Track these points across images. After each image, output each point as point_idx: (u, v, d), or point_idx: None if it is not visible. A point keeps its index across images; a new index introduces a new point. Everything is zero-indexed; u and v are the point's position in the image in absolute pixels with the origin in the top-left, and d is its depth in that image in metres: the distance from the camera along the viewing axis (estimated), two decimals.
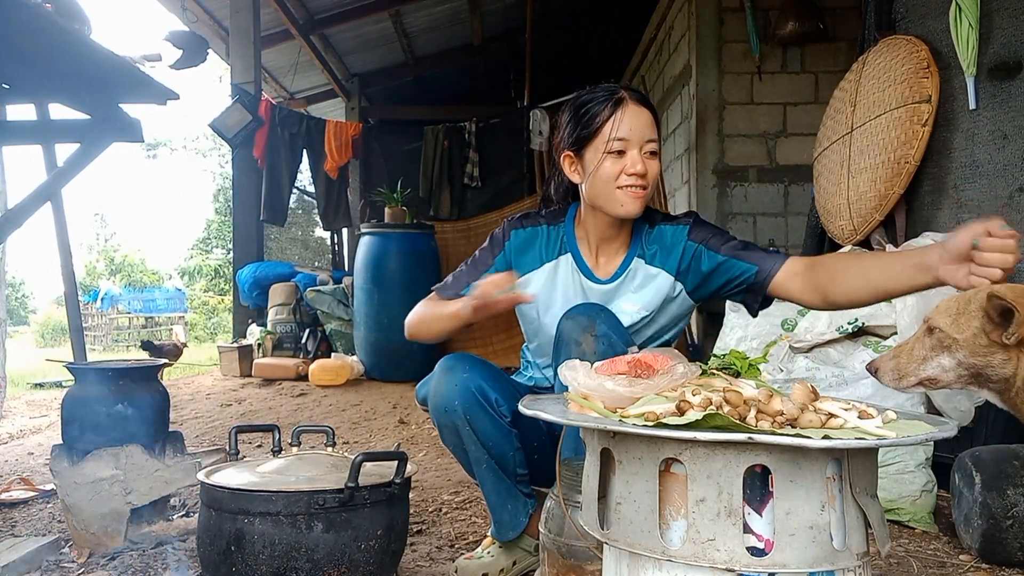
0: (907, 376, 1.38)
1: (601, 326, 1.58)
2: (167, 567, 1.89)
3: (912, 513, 2.20)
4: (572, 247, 1.79)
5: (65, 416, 2.04)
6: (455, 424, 1.70)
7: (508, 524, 1.78)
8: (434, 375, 1.74)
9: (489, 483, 1.76)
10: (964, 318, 1.34)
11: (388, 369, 5.13)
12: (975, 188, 2.95)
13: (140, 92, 2.59)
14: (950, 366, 1.35)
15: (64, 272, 2.94)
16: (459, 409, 1.68)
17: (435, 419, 1.75)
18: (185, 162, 38.47)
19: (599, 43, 9.06)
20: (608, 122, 1.65)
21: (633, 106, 1.67)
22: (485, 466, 1.74)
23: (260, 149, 6.42)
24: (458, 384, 1.68)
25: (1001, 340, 1.30)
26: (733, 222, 5.86)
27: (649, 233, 1.77)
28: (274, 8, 6.60)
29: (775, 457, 1.00)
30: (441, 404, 1.70)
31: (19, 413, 4.82)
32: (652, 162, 1.67)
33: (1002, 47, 2.85)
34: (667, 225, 1.77)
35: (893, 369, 1.39)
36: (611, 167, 1.65)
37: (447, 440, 1.78)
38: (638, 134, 1.65)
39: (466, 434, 1.70)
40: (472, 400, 1.67)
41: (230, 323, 7.36)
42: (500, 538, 1.81)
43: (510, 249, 1.81)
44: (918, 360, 1.37)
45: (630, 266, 1.75)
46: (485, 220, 6.65)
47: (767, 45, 5.63)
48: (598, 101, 1.68)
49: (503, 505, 1.78)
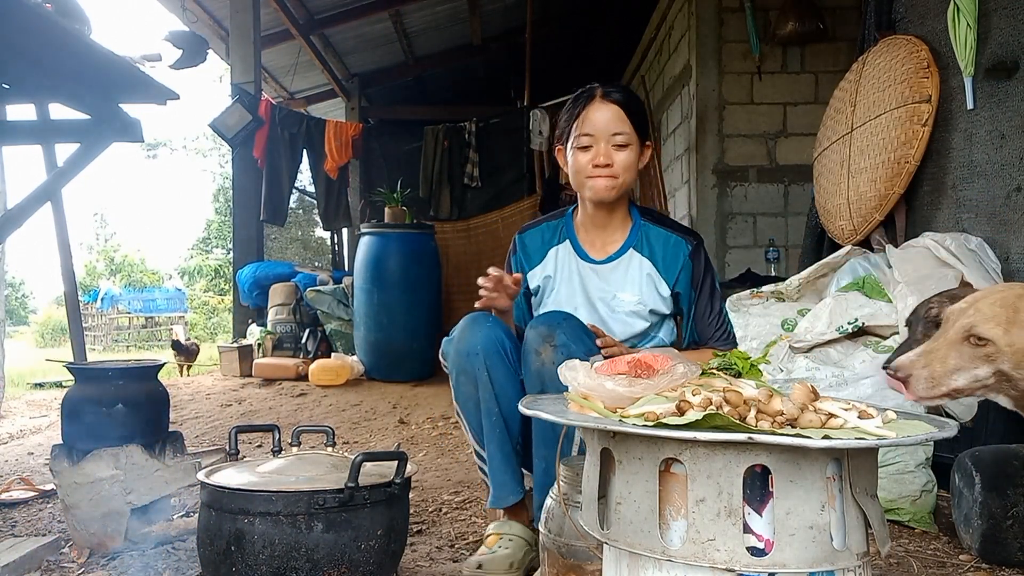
0: (940, 386, 1.25)
1: (560, 336, 1.68)
2: (167, 567, 1.89)
3: (912, 513, 2.20)
4: (570, 234, 1.97)
5: (65, 416, 2.04)
6: (475, 369, 1.78)
7: (509, 488, 1.81)
8: (459, 327, 1.85)
9: (495, 440, 1.80)
10: (1016, 328, 1.22)
11: (388, 369, 5.13)
12: (973, 188, 2.95)
13: (140, 92, 2.59)
14: (985, 375, 1.23)
15: (64, 272, 2.94)
16: (481, 354, 1.77)
17: (456, 366, 1.83)
18: (185, 162, 38.50)
19: (599, 43, 9.06)
20: (578, 118, 1.84)
21: (599, 102, 1.83)
22: (494, 419, 1.79)
23: (260, 149, 6.41)
24: (482, 331, 1.80)
25: None
26: (733, 222, 5.86)
27: (648, 230, 1.91)
28: (274, 8, 6.60)
29: (775, 457, 1.00)
30: (464, 349, 1.80)
31: (19, 413, 4.82)
32: (620, 153, 1.83)
33: (1000, 47, 2.85)
34: (668, 231, 1.91)
35: (928, 378, 1.26)
36: (581, 159, 1.85)
37: (462, 390, 1.83)
38: (603, 128, 1.81)
39: (483, 381, 1.78)
40: (493, 347, 1.78)
41: (230, 323, 7.36)
42: (500, 504, 1.83)
43: (521, 253, 2.01)
44: (952, 370, 1.25)
45: (625, 253, 1.89)
46: (485, 220, 6.65)
47: (767, 45, 5.63)
48: (574, 99, 1.87)
49: (506, 466, 1.81)
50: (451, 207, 7.52)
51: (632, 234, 1.91)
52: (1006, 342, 1.21)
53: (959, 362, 1.24)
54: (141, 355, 12.34)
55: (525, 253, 2.00)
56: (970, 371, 1.24)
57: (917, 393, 1.27)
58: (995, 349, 1.22)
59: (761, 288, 3.26)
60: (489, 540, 1.82)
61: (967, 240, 2.80)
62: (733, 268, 5.67)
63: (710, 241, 5.79)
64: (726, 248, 5.86)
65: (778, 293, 3.17)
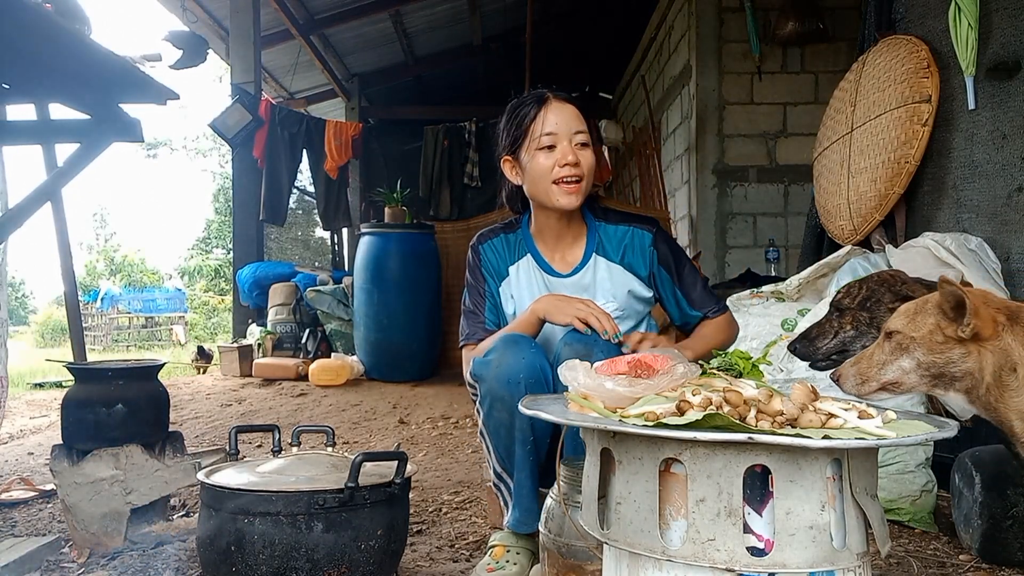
0: (868, 381, 1.37)
1: (598, 353, 1.58)
2: (167, 567, 1.89)
3: (912, 513, 2.20)
4: (530, 247, 1.90)
5: (65, 416, 2.04)
6: (513, 398, 1.62)
7: (535, 514, 1.71)
8: (496, 349, 1.72)
9: (526, 469, 1.72)
10: (920, 316, 1.34)
11: (388, 369, 5.13)
12: (974, 188, 2.95)
13: (140, 92, 2.58)
14: (910, 367, 1.34)
15: (64, 272, 2.94)
16: (523, 383, 1.65)
17: (493, 391, 1.70)
18: (185, 162, 38.47)
19: (599, 43, 9.06)
20: (535, 120, 1.77)
21: (556, 102, 1.78)
22: (529, 448, 1.70)
23: (260, 149, 6.42)
24: (525, 358, 1.67)
25: (956, 335, 1.29)
26: (733, 222, 5.86)
27: (606, 230, 1.85)
28: (274, 8, 6.60)
29: (775, 457, 1.00)
30: (505, 375, 1.67)
31: (19, 413, 4.82)
32: (584, 152, 1.77)
33: (1001, 47, 2.85)
34: (624, 226, 1.85)
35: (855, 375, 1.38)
36: (544, 161, 1.76)
37: (495, 416, 1.72)
38: (565, 127, 1.76)
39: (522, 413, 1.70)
40: (537, 377, 1.66)
41: (230, 323, 7.36)
42: (524, 530, 1.75)
43: (487, 263, 1.92)
44: (878, 365, 1.36)
45: (590, 261, 1.84)
46: (485, 220, 6.62)
47: (767, 45, 5.63)
48: (525, 104, 1.80)
49: (532, 493, 1.73)
50: (451, 207, 7.52)
51: (590, 239, 1.85)
52: (911, 330, 1.33)
53: (882, 356, 1.36)
54: (141, 355, 12.34)
55: (489, 268, 1.92)
56: (894, 363, 1.35)
57: (846, 389, 1.39)
58: (903, 337, 1.34)
59: (761, 288, 3.25)
60: (495, 551, 1.78)
61: (967, 240, 2.80)
62: (733, 268, 5.67)
63: (710, 241, 5.79)
64: (726, 248, 5.86)
65: (778, 293, 3.17)
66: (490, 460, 1.82)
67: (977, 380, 1.30)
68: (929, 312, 1.33)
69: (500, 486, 1.82)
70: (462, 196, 7.60)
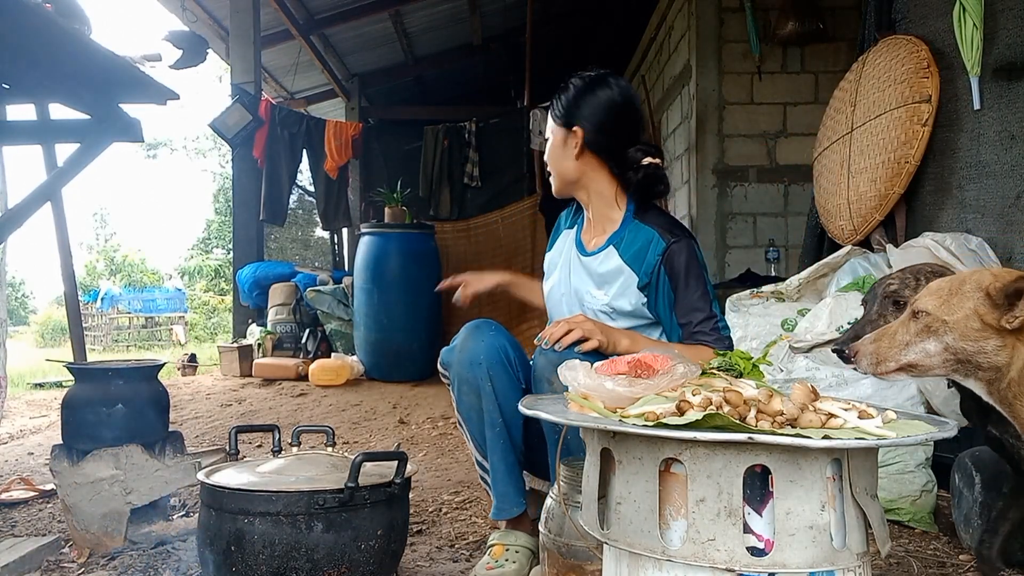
0: (886, 361, 1.27)
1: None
2: (167, 567, 1.89)
3: (912, 513, 2.20)
4: (580, 221, 1.97)
5: (65, 416, 2.04)
6: (478, 380, 1.76)
7: (512, 499, 1.78)
8: (460, 336, 1.83)
9: (498, 451, 1.78)
10: (956, 299, 1.24)
11: (388, 369, 5.13)
12: (980, 188, 2.95)
13: (140, 92, 2.59)
14: (935, 351, 1.24)
15: (64, 272, 2.94)
16: (484, 364, 1.75)
17: (458, 375, 1.80)
18: (185, 162, 38.40)
19: (599, 43, 9.06)
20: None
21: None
22: (498, 430, 1.77)
23: (260, 149, 6.41)
24: (485, 340, 1.78)
25: (999, 324, 1.20)
26: (733, 222, 5.86)
27: (636, 227, 1.84)
28: (274, 8, 6.59)
29: (775, 457, 1.00)
30: (467, 359, 1.77)
31: (19, 413, 4.82)
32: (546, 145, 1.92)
33: (1007, 48, 2.85)
34: (651, 228, 1.81)
35: (872, 353, 1.29)
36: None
37: (464, 400, 1.81)
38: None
39: (486, 391, 1.76)
40: (497, 357, 1.76)
41: (230, 323, 7.36)
42: (502, 516, 1.81)
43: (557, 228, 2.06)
44: (900, 345, 1.27)
45: (606, 249, 1.86)
46: (485, 220, 6.64)
47: (767, 45, 5.63)
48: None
49: (509, 477, 1.78)
50: (451, 207, 7.52)
51: (618, 231, 1.84)
52: (944, 312, 1.24)
53: (906, 337, 1.27)
54: (141, 355, 12.33)
55: (556, 233, 2.05)
56: (919, 345, 1.26)
57: (862, 368, 1.31)
58: (933, 319, 1.25)
59: (761, 288, 3.25)
60: (494, 551, 1.79)
61: (967, 240, 2.80)
62: (733, 268, 5.67)
63: (710, 241, 5.79)
64: (726, 248, 5.86)
65: (778, 293, 3.17)
66: (472, 450, 1.89)
67: (1002, 373, 1.22)
68: (967, 295, 1.23)
69: (484, 476, 1.87)
70: (462, 196, 7.59)
